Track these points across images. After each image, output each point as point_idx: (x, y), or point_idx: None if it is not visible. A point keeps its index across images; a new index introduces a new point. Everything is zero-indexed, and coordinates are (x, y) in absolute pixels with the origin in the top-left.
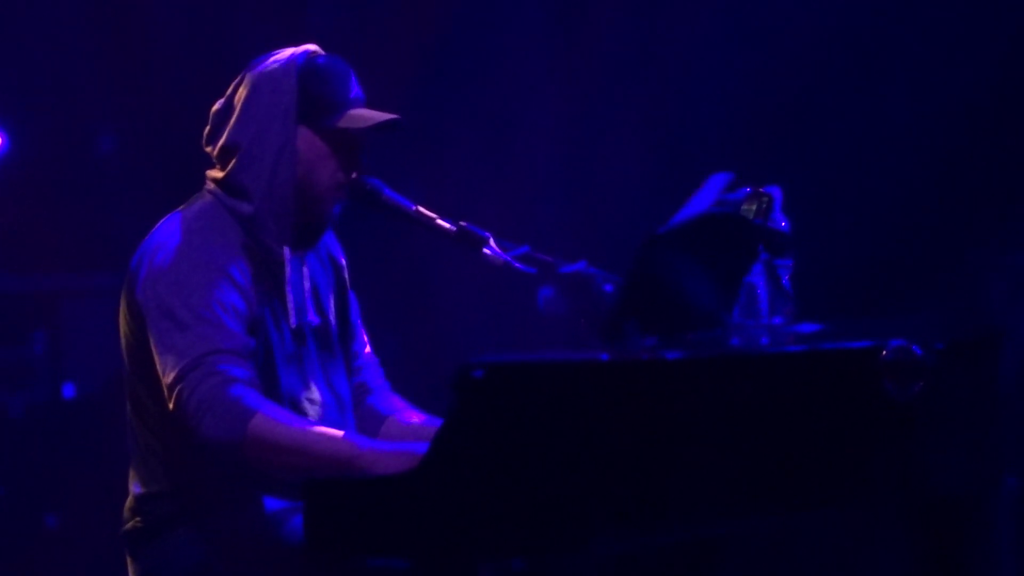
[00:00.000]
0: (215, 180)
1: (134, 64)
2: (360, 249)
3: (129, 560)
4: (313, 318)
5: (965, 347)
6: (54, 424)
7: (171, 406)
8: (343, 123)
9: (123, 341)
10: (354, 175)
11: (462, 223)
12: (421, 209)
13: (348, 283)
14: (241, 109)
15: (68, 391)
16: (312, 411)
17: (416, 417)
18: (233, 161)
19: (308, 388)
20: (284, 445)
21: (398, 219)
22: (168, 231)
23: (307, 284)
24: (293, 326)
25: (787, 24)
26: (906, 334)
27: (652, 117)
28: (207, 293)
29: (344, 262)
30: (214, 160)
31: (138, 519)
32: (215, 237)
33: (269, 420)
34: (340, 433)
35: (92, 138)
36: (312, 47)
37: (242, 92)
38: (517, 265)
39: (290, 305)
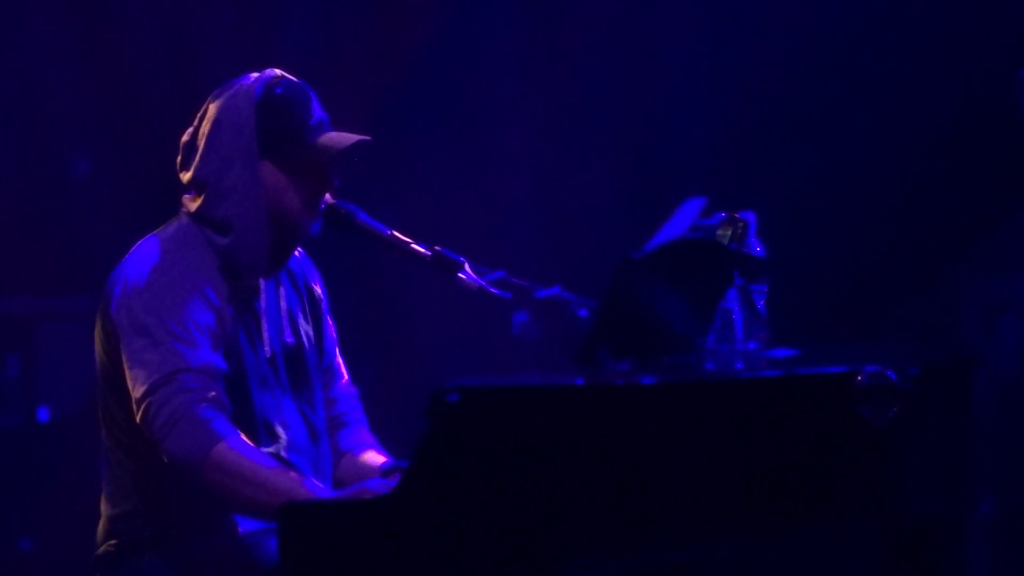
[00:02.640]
0: (190, 209)
1: (109, 87)
2: (334, 273)
3: None
4: (289, 337)
5: (939, 372)
6: (28, 448)
7: (139, 420)
8: (306, 155)
9: (98, 361)
10: (327, 197)
11: (437, 248)
12: (396, 234)
13: (326, 312)
14: (204, 146)
15: (43, 415)
16: (285, 435)
17: (373, 458)
18: (203, 197)
19: (281, 412)
20: (243, 477)
21: (373, 243)
22: (144, 252)
23: (283, 304)
24: (267, 350)
25: (762, 49)
26: (881, 359)
27: (627, 142)
28: (181, 311)
29: (321, 290)
30: (188, 187)
31: (112, 542)
32: (190, 259)
33: (233, 450)
34: (299, 476)
35: (68, 161)
36: (274, 72)
37: (204, 127)
38: (492, 290)
39: (264, 328)
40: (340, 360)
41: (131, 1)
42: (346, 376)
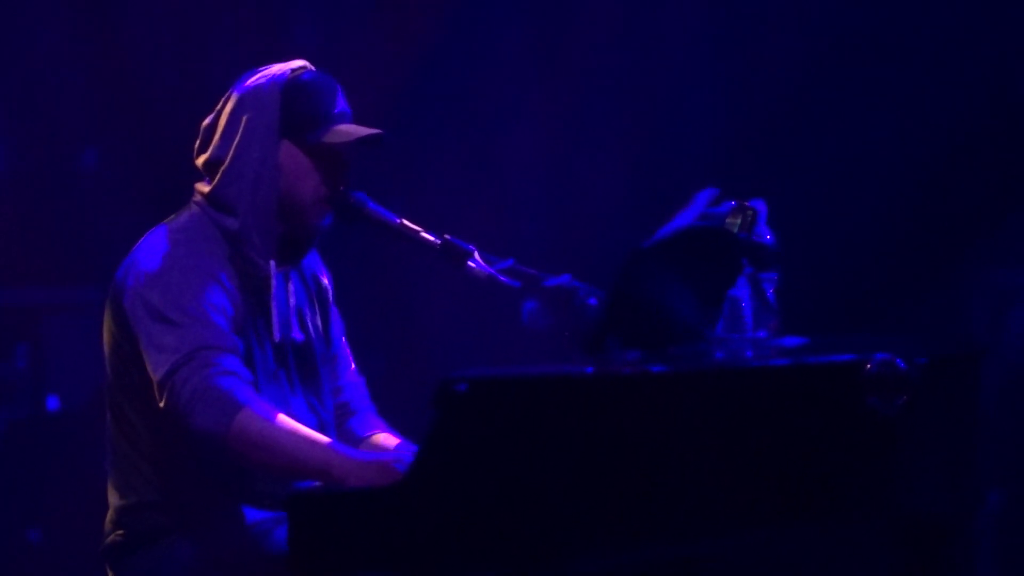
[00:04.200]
0: (202, 194)
1: (117, 78)
2: (343, 262)
3: (110, 574)
4: (297, 335)
5: (948, 362)
6: (37, 438)
7: (162, 403)
8: (325, 138)
9: (107, 352)
10: (340, 189)
11: (446, 236)
12: (405, 222)
13: (332, 302)
14: (225, 124)
15: (51, 405)
16: None
17: (388, 441)
18: (217, 176)
19: (288, 405)
20: (266, 442)
21: (382, 232)
22: (155, 241)
23: (292, 300)
24: (277, 342)
25: (772, 39)
26: (890, 348)
27: (636, 131)
28: (197, 295)
29: (328, 281)
30: (203, 174)
31: (119, 532)
32: (202, 248)
33: (256, 416)
34: (322, 438)
35: (75, 152)
36: (301, 63)
37: (228, 108)
38: (501, 278)
39: (274, 321)
40: (346, 349)
41: None
42: (353, 365)
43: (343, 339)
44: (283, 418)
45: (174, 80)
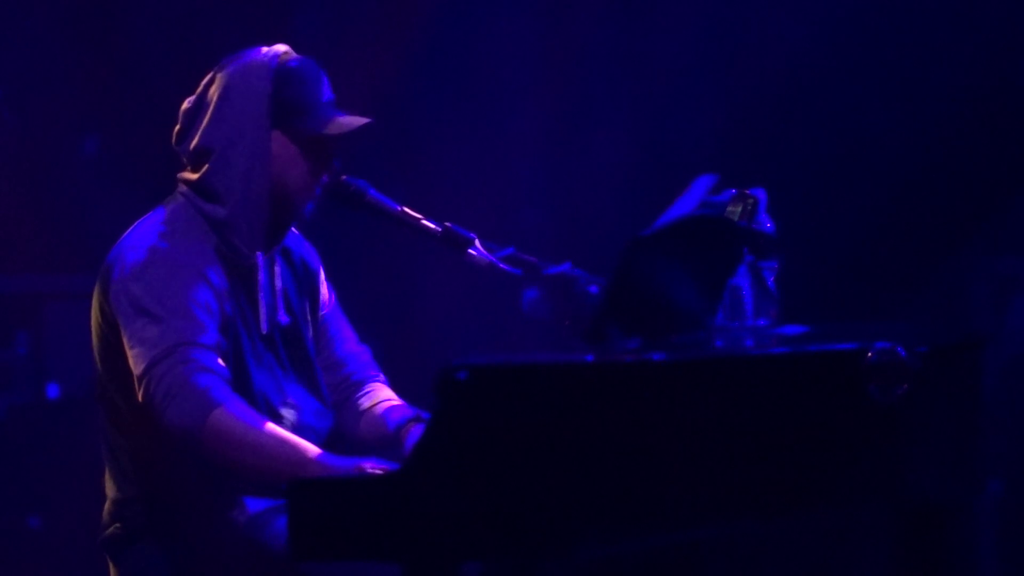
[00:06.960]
0: (188, 182)
1: (117, 66)
2: (344, 250)
3: (111, 565)
4: (283, 317)
5: (948, 351)
6: (37, 425)
7: (140, 397)
8: (317, 128)
9: (95, 343)
10: (326, 177)
11: (447, 224)
12: (406, 210)
13: (320, 282)
14: (213, 112)
15: (51, 392)
16: (288, 415)
17: (390, 411)
18: (206, 165)
19: (282, 392)
20: (239, 441)
21: (383, 220)
22: (140, 234)
23: (279, 283)
24: (265, 330)
25: (771, 28)
26: (890, 337)
27: (637, 119)
28: (180, 290)
29: (318, 267)
30: (184, 161)
31: (117, 525)
32: (187, 240)
33: (230, 415)
34: (296, 439)
35: (76, 140)
36: (283, 48)
37: (214, 93)
38: (502, 266)
39: (262, 309)
40: (343, 321)
41: None
42: (352, 335)
43: (339, 315)
44: (258, 418)
45: (175, 67)
